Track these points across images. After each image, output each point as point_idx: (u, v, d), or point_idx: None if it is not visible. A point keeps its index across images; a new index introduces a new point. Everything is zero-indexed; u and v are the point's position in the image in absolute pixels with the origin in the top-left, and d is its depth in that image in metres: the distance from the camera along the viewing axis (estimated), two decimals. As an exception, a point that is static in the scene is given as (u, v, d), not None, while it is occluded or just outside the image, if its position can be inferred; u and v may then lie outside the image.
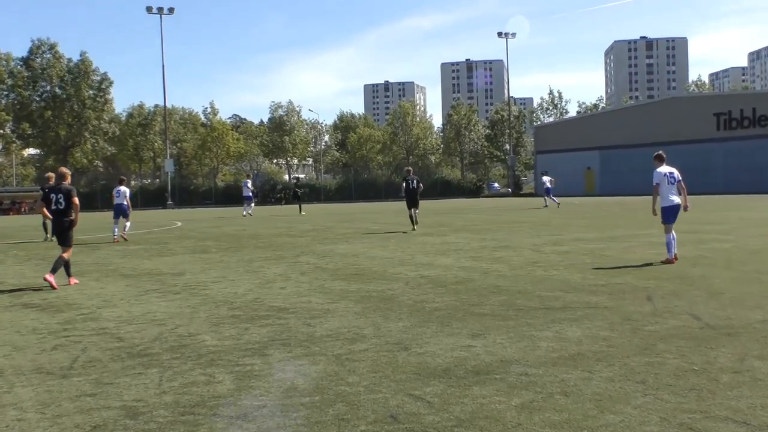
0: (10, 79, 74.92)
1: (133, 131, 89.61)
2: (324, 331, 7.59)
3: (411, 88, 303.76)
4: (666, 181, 13.29)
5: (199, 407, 5.06)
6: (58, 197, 12.20)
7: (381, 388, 5.39)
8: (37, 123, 75.54)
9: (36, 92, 76.93)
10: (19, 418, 4.93)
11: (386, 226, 26.16)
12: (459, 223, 27.64)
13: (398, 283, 11.04)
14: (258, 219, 37.00)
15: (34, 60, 76.32)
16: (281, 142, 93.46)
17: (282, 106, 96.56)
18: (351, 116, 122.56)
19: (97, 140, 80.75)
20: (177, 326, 8.06)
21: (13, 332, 8.01)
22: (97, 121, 78.52)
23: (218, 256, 16.43)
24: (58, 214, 12.20)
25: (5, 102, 75.50)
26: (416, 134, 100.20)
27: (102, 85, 79.45)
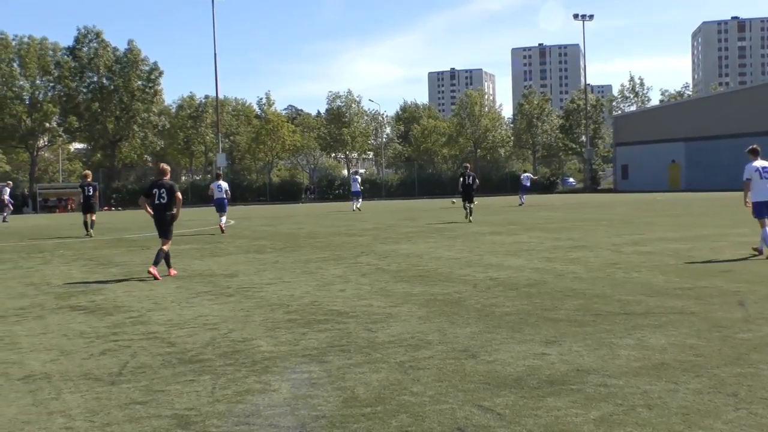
0: (57, 69, 76.78)
1: (184, 124, 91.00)
2: (386, 336, 7.62)
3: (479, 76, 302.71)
4: (759, 176, 13.58)
5: (253, 417, 5.12)
6: (161, 192, 13.62)
7: (447, 399, 5.38)
8: (84, 116, 77.20)
9: (83, 83, 78.65)
10: (68, 426, 5.06)
11: (452, 225, 26.11)
12: (530, 221, 27.44)
13: (465, 286, 11.01)
14: (315, 216, 37.28)
15: (81, 49, 78.01)
16: (339, 134, 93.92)
17: (340, 97, 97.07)
18: (414, 106, 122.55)
19: (147, 133, 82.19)
20: (230, 331, 8.18)
21: (61, 336, 8.23)
22: (146, 113, 79.89)
23: (273, 257, 16.62)
24: (161, 208, 13.63)
25: (51, 94, 77.40)
26: (484, 125, 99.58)
27: (151, 76, 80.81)
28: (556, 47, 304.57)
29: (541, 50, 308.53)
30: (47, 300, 11.07)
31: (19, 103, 74.74)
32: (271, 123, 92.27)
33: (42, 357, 7.19)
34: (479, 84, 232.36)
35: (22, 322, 9.18)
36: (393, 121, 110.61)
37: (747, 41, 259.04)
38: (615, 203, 43.52)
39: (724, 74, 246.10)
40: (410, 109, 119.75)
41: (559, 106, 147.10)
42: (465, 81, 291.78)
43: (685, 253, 14.65)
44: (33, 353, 7.38)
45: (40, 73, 76.28)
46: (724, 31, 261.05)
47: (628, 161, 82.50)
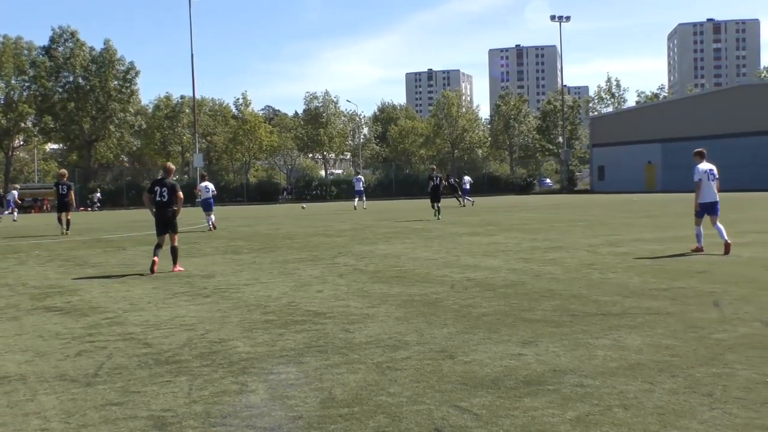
0: (32, 69, 76.19)
1: (161, 124, 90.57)
2: (363, 337, 7.62)
3: (456, 77, 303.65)
4: (707, 178, 14.79)
5: (231, 418, 5.11)
6: (162, 190, 14.27)
7: (425, 399, 5.39)
8: (59, 116, 76.65)
9: (58, 83, 78.10)
10: (43, 427, 5.02)
11: (430, 225, 26.14)
12: (508, 221, 27.53)
13: (443, 287, 11.04)
14: (293, 217, 37.22)
15: (56, 49, 77.45)
16: (317, 135, 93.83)
17: (318, 97, 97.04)
18: (392, 107, 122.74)
19: (123, 134, 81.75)
20: (207, 331, 8.15)
21: (36, 337, 8.17)
22: (123, 113, 79.41)
23: (250, 257, 16.57)
24: (162, 205, 14.26)
25: (27, 94, 76.76)
26: (462, 126, 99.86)
27: (128, 75, 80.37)
28: (533, 48, 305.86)
29: (519, 51, 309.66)
30: (22, 301, 10.97)
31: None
32: (248, 123, 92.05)
33: (17, 358, 7.13)
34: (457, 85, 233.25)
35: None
36: (370, 122, 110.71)
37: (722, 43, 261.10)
38: (591, 204, 43.75)
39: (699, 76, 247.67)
40: (388, 110, 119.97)
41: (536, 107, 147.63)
42: (443, 82, 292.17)
43: (661, 253, 14.75)
44: (8, 354, 7.32)
45: (15, 73, 75.63)
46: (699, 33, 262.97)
47: (605, 162, 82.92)
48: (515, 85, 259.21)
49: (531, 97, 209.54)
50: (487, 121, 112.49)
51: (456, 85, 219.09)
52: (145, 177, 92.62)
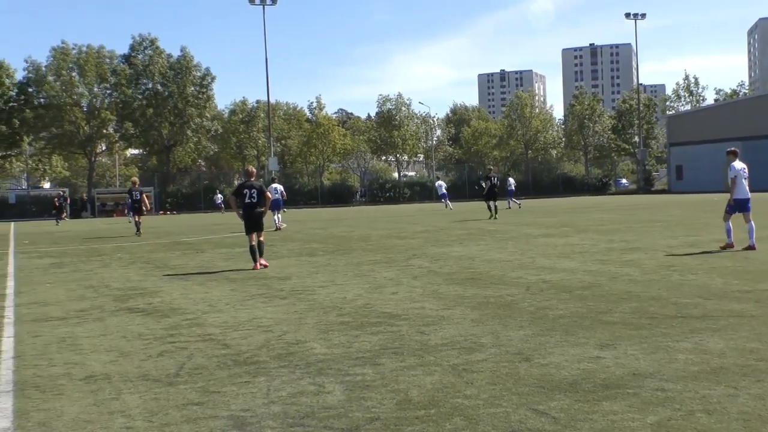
0: (114, 77, 78.19)
1: (236, 128, 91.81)
2: (439, 339, 7.60)
3: (529, 77, 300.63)
4: (741, 175, 15.54)
5: (308, 418, 5.15)
6: (251, 192, 15.26)
7: (501, 402, 5.35)
8: (139, 122, 78.48)
9: (138, 90, 80.00)
10: (128, 426, 5.14)
11: (504, 227, 25.98)
12: (583, 222, 27.17)
13: (518, 289, 10.95)
14: (367, 219, 37.38)
15: (136, 57, 79.39)
16: (390, 137, 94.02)
17: (390, 100, 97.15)
18: (464, 108, 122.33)
19: (200, 138, 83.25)
20: (284, 333, 8.24)
21: (119, 337, 8.37)
22: (200, 118, 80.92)
23: (325, 259, 16.70)
24: (252, 206, 15.23)
25: (108, 101, 78.83)
26: (535, 127, 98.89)
27: (204, 81, 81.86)
28: (608, 47, 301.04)
29: (592, 50, 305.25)
30: (106, 302, 11.26)
31: (78, 111, 76.28)
32: (321, 127, 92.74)
33: (102, 358, 7.32)
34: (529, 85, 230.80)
35: (82, 324, 9.36)
36: (443, 124, 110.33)
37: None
38: (669, 204, 42.89)
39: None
40: (460, 111, 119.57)
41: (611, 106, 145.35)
42: (515, 82, 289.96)
43: (743, 255, 14.38)
44: (93, 354, 7.52)
45: (97, 81, 77.77)
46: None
47: (683, 161, 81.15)
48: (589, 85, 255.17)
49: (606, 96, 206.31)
50: (561, 122, 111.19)
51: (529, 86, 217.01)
52: (221, 181, 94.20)
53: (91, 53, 77.45)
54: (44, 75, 76.19)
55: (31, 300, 11.82)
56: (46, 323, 9.54)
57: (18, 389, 6.23)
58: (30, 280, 14.73)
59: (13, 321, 9.83)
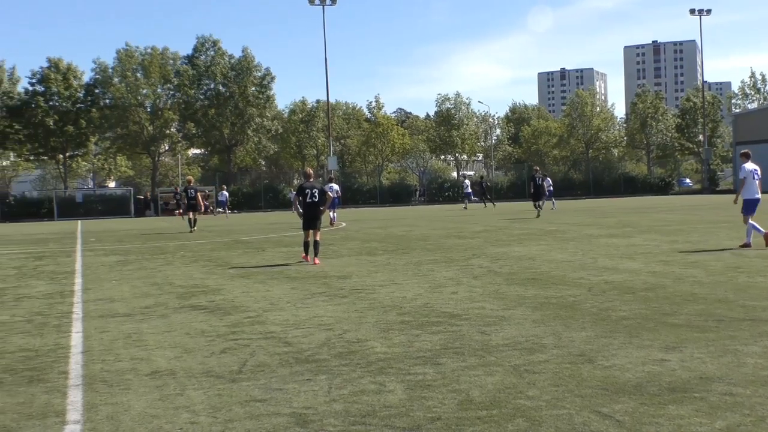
0: (177, 78, 79.36)
1: (296, 128, 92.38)
2: (500, 339, 7.55)
3: (590, 75, 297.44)
4: (752, 176, 16.30)
5: (370, 417, 5.16)
6: (313, 192, 16.19)
7: (564, 404, 5.29)
8: (201, 122, 79.46)
9: (200, 91, 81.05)
10: (192, 421, 5.21)
11: (565, 227, 25.71)
12: (646, 223, 26.74)
13: (580, 289, 10.83)
14: (426, 219, 37.34)
15: (198, 58, 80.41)
16: (449, 136, 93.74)
17: (449, 99, 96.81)
18: (524, 107, 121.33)
19: (260, 138, 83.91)
20: (345, 331, 8.27)
21: (183, 334, 8.49)
22: (260, 118, 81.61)
23: (385, 259, 16.72)
24: (313, 205, 16.12)
25: (171, 102, 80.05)
26: (596, 126, 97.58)
27: (264, 81, 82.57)
28: (671, 44, 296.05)
29: (655, 47, 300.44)
30: (170, 299, 11.43)
31: (142, 111, 77.63)
32: (380, 126, 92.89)
33: (167, 354, 7.44)
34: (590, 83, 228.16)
35: (147, 320, 9.52)
36: (503, 123, 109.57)
37: None
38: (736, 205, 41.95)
39: None
40: (520, 110, 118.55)
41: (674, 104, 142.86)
42: (576, 81, 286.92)
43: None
44: (158, 350, 7.64)
45: (161, 82, 79.00)
46: None
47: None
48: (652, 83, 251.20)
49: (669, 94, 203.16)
50: (623, 120, 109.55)
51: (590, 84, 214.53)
52: (281, 180, 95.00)
53: (155, 55, 78.69)
54: (110, 76, 77.72)
55: (97, 297, 12.06)
56: (113, 319, 9.72)
57: (87, 383, 6.37)
58: (96, 278, 15.03)
59: (81, 317, 10.05)
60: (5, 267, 18.19)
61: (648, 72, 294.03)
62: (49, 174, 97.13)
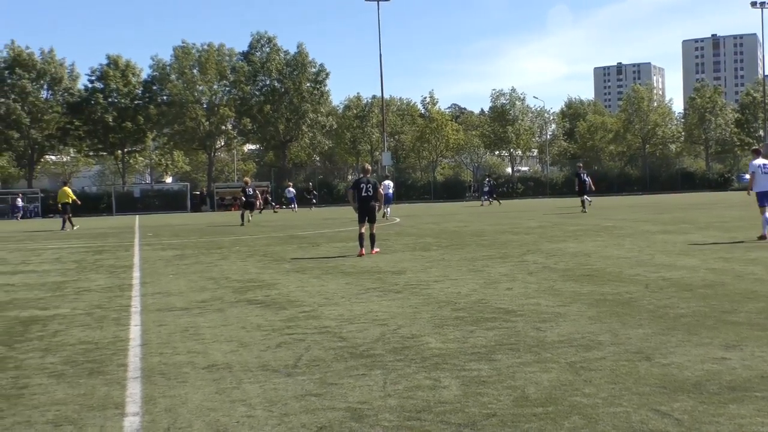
0: (233, 74, 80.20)
1: (350, 124, 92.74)
2: (555, 336, 7.49)
3: (647, 70, 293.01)
4: (760, 171, 17.21)
5: (425, 413, 5.15)
6: (367, 186, 17.25)
7: (622, 401, 5.23)
8: (257, 118, 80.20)
9: (256, 87, 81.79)
10: (249, 414, 5.26)
11: (621, 223, 25.40)
12: (704, 219, 26.27)
13: (636, 286, 10.68)
14: (480, 214, 37.21)
15: (254, 54, 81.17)
16: (503, 132, 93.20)
17: (504, 94, 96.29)
18: (579, 102, 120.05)
19: (315, 134, 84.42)
20: (399, 327, 8.27)
21: (239, 328, 8.57)
22: (315, 114, 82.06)
23: (439, 254, 16.69)
24: (368, 199, 17.17)
25: (227, 98, 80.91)
26: (653, 121, 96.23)
27: (318, 77, 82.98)
28: (731, 37, 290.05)
29: (714, 41, 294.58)
30: (226, 294, 11.56)
31: (198, 108, 78.60)
32: (435, 122, 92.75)
33: (223, 347, 7.52)
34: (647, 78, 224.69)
35: (204, 314, 9.64)
36: (558, 118, 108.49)
37: None
38: None
39: None
40: (575, 106, 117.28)
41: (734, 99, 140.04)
42: (633, 75, 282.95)
43: None
44: (215, 344, 7.72)
45: (217, 78, 79.91)
46: None
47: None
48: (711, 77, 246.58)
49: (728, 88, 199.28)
50: (681, 116, 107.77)
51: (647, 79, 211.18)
52: (335, 176, 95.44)
53: (211, 51, 79.64)
54: (167, 73, 78.85)
55: (155, 290, 12.24)
56: (170, 313, 9.86)
57: (145, 376, 6.46)
58: (154, 272, 15.27)
59: (140, 310, 10.21)
60: (66, 261, 18.57)
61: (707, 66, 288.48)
62: (107, 170, 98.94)
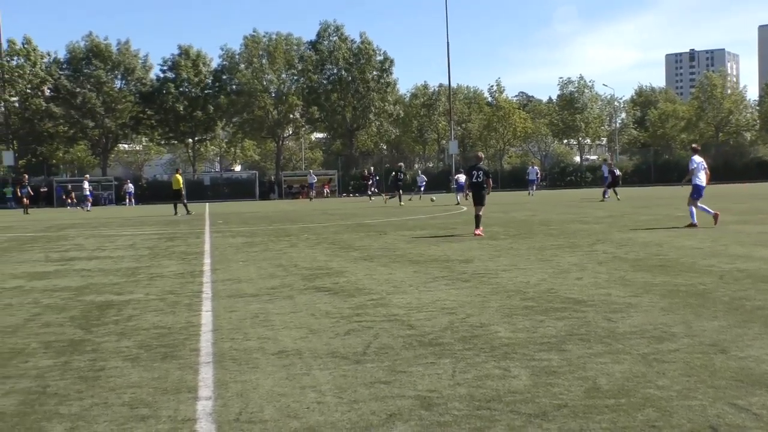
0: (300, 63, 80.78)
1: (417, 112, 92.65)
2: (627, 327, 7.37)
3: (721, 56, 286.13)
4: (700, 167, 19.36)
5: (495, 402, 5.12)
6: (478, 173, 19.07)
7: (696, 395, 5.12)
8: (324, 107, 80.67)
9: (323, 76, 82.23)
10: (319, 400, 5.29)
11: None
12: (781, 209, 25.56)
13: (711, 277, 10.44)
14: (547, 204, 36.84)
15: (321, 43, 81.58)
16: (572, 120, 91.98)
17: (572, 82, 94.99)
18: (650, 90, 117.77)
19: (382, 122, 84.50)
20: (468, 315, 8.23)
21: (308, 315, 8.63)
22: (381, 102, 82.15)
23: (507, 243, 16.57)
24: (478, 185, 19.06)
25: (295, 87, 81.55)
26: (727, 109, 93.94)
27: (384, 66, 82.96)
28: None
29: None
30: (295, 281, 11.65)
31: (267, 96, 79.36)
32: (502, 110, 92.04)
33: (293, 334, 7.58)
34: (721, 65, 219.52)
35: (273, 301, 9.73)
36: (628, 106, 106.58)
37: None
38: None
39: None
40: (646, 94, 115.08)
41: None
42: (706, 62, 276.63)
43: None
44: (285, 330, 7.79)
45: (285, 67, 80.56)
46: None
47: None
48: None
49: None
50: (756, 103, 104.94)
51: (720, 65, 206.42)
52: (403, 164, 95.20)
53: (279, 41, 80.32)
54: (237, 63, 79.81)
55: (225, 277, 12.40)
56: (240, 299, 9.98)
57: (217, 361, 6.56)
58: (224, 258, 15.47)
59: (211, 296, 10.36)
60: (139, 247, 18.94)
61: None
62: (178, 158, 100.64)
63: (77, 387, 5.88)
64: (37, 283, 12.25)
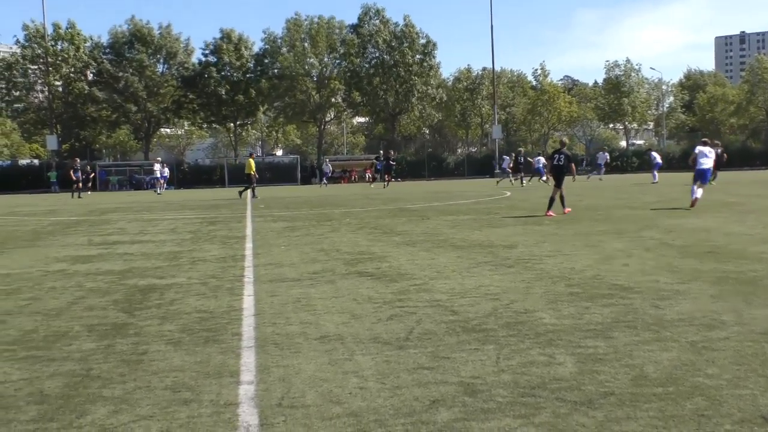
0: (342, 47, 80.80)
1: (460, 96, 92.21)
2: (675, 314, 7.27)
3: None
4: (701, 154, 21.54)
5: (539, 389, 5.08)
6: (559, 157, 20.34)
7: (747, 384, 5.04)
8: (366, 90, 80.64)
9: (365, 59, 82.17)
10: (361, 386, 5.30)
11: (744, 199, 24.47)
12: (835, 195, 25.04)
13: (762, 264, 10.27)
14: (593, 188, 36.48)
15: (363, 27, 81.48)
16: (618, 104, 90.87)
17: (619, 65, 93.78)
18: (699, 74, 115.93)
19: (424, 106, 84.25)
20: (512, 301, 8.19)
21: (351, 300, 8.64)
22: (424, 86, 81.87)
23: (552, 229, 16.44)
24: (558, 168, 20.24)
25: (337, 71, 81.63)
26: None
27: (426, 49, 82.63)
28: None
29: None
30: (337, 265, 11.67)
31: (309, 80, 79.53)
32: (546, 94, 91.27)
33: (335, 319, 7.59)
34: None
35: (315, 286, 9.76)
36: (676, 90, 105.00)
37: None
38: None
39: None
40: (694, 77, 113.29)
41: None
42: (757, 45, 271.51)
43: None
44: (327, 315, 7.81)
45: (327, 51, 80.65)
46: None
47: None
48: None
49: None
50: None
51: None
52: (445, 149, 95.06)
53: (321, 24, 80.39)
54: (279, 46, 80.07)
55: (267, 261, 12.47)
56: (282, 284, 10.02)
57: (259, 345, 6.59)
58: (266, 243, 15.55)
59: (252, 281, 10.41)
60: (181, 231, 19.12)
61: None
62: (220, 142, 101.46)
63: (120, 370, 5.95)
64: (81, 267, 12.42)
